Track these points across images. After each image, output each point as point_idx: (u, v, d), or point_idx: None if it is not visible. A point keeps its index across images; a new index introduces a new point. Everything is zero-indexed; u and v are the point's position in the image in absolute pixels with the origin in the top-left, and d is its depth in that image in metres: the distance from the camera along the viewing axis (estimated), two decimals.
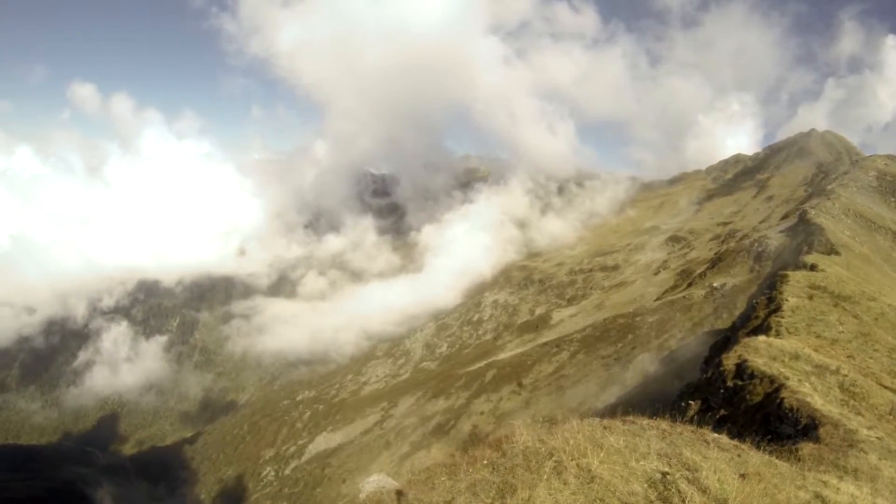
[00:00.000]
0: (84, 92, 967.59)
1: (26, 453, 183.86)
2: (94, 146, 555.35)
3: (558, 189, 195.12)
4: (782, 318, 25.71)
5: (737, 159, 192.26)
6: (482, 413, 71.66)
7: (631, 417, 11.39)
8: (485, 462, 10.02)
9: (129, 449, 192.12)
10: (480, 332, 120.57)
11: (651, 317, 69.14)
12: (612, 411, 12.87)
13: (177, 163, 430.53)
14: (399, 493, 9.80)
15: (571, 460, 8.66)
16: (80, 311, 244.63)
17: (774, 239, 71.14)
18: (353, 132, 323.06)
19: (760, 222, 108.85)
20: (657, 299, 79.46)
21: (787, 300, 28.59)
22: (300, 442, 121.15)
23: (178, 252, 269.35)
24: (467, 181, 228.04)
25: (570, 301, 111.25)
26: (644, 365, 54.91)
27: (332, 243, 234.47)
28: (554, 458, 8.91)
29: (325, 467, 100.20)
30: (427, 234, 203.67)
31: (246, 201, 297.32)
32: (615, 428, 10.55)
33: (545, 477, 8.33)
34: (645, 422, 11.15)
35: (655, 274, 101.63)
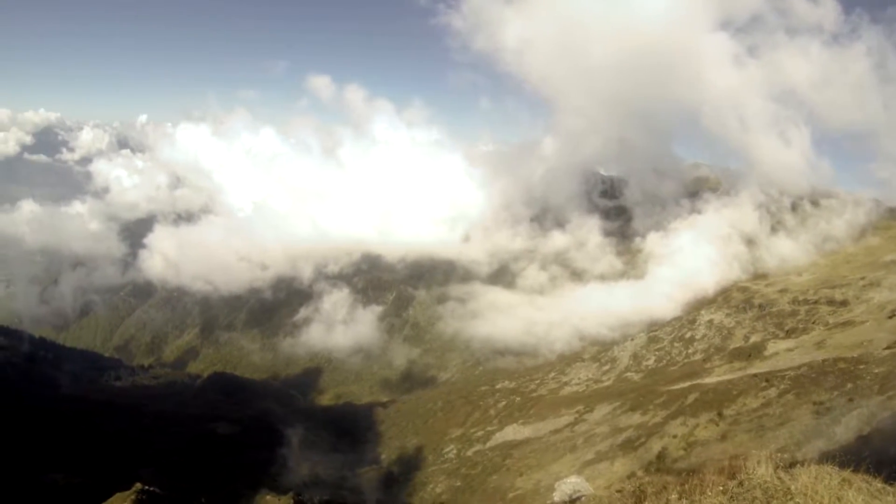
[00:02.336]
0: (320, 83, 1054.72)
1: (239, 383, 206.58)
2: (329, 130, 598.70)
3: (791, 206, 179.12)
4: None
5: None
6: (675, 436, 68.14)
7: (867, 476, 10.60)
8: (720, 488, 9.81)
9: (325, 400, 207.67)
10: (690, 351, 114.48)
11: (878, 367, 61.46)
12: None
13: (406, 149, 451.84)
14: None
15: None
16: (306, 273, 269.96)
17: None
18: (583, 130, 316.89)
19: None
20: (887, 347, 70.70)
21: None
22: (489, 428, 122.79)
23: (403, 231, 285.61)
24: (696, 190, 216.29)
25: (789, 333, 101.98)
26: (859, 422, 49.06)
27: (557, 240, 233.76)
28: (794, 502, 8.81)
29: (507, 457, 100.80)
30: (652, 241, 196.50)
31: (473, 190, 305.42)
32: (855, 483, 10.10)
33: None
34: (880, 484, 10.29)
35: (890, 317, 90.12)
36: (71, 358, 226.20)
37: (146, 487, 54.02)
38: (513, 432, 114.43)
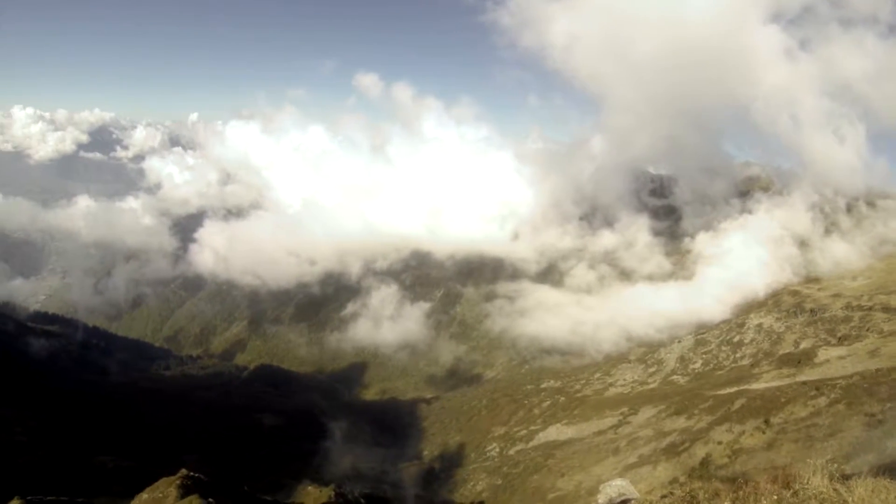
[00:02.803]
0: (367, 81, 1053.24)
1: (285, 376, 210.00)
2: (377, 128, 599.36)
3: (846, 207, 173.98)
4: None
5: None
6: (720, 443, 67.03)
7: None
8: (774, 497, 9.74)
9: (370, 395, 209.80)
10: (738, 356, 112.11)
11: None
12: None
13: (455, 146, 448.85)
14: None
15: None
16: (355, 269, 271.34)
17: None
18: (632, 127, 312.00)
19: None
20: None
21: None
22: (532, 427, 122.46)
23: (452, 228, 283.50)
24: (747, 190, 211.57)
25: (841, 340, 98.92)
26: None
27: (606, 239, 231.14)
28: None
29: (549, 457, 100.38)
30: (701, 242, 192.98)
31: (523, 188, 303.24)
32: None
33: None
34: None
35: None
36: (122, 347, 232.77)
37: (191, 473, 54.95)
38: (556, 432, 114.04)
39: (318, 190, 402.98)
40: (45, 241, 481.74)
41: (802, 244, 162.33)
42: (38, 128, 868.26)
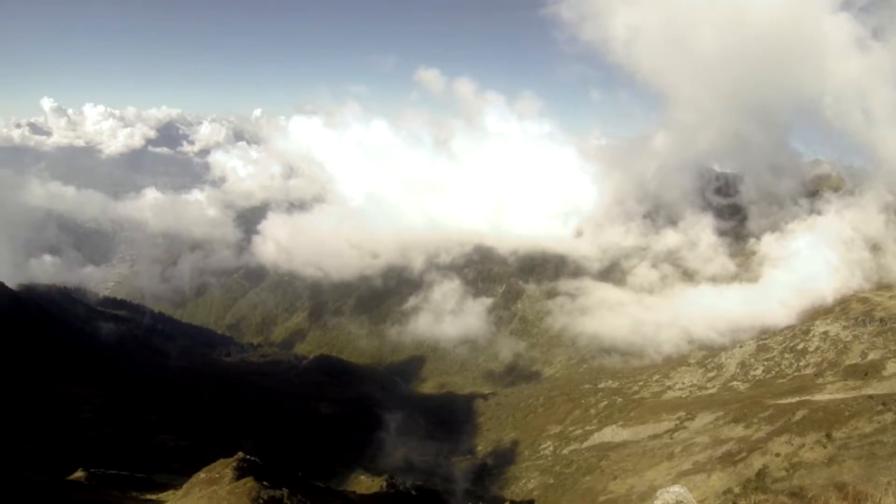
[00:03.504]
0: (429, 76, 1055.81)
1: (344, 366, 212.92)
2: (440, 123, 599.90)
3: None
4: None
5: None
6: (777, 455, 65.35)
7: None
8: None
9: (427, 388, 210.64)
10: (801, 364, 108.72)
11: None
12: None
13: (518, 141, 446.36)
14: None
15: None
16: (417, 263, 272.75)
17: None
18: (696, 123, 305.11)
19: None
20: None
21: None
22: (587, 427, 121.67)
23: (515, 224, 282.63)
24: (816, 189, 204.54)
25: None
26: None
27: (669, 238, 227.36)
28: None
29: (602, 459, 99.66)
30: (767, 243, 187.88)
31: (586, 185, 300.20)
32: None
33: None
34: None
35: None
36: (186, 333, 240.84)
37: (247, 457, 56.95)
38: (611, 434, 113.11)
39: (381, 184, 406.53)
40: (114, 230, 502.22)
41: (874, 248, 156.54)
42: (109, 124, 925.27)
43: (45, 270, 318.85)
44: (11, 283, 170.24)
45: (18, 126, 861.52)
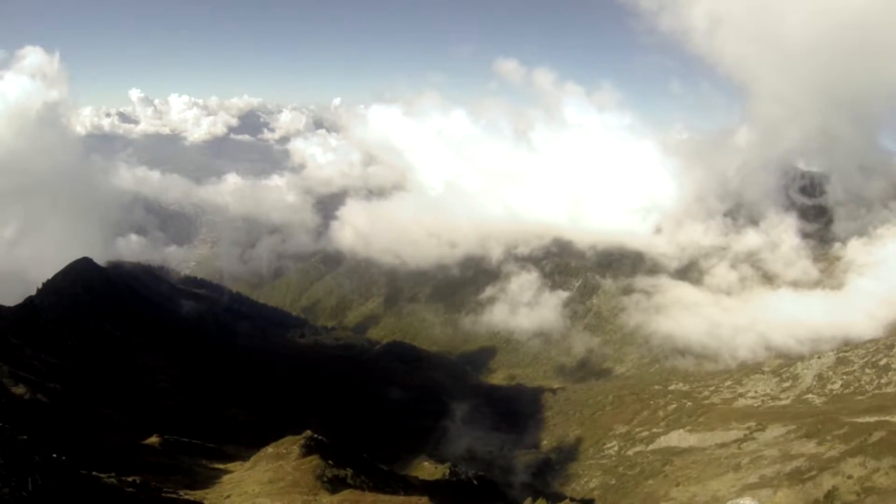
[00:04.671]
0: (508, 66, 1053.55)
1: (416, 353, 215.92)
2: (520, 113, 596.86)
3: None
4: None
5: None
6: (849, 477, 63.29)
7: None
8: None
9: (496, 379, 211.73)
10: (883, 381, 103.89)
11: None
12: None
13: (598, 133, 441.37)
14: None
15: None
16: (495, 253, 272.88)
17: None
18: (781, 119, 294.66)
19: None
20: None
21: None
22: (654, 430, 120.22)
23: (594, 218, 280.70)
24: None
25: None
26: None
27: (750, 238, 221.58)
28: None
29: (667, 464, 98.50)
30: (853, 248, 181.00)
31: (667, 180, 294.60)
32: None
33: None
34: None
35: None
36: (262, 313, 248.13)
37: (315, 435, 59.25)
38: (678, 438, 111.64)
39: (460, 173, 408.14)
40: (197, 213, 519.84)
41: None
42: (193, 113, 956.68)
43: (132, 249, 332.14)
44: (101, 261, 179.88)
45: (108, 115, 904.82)
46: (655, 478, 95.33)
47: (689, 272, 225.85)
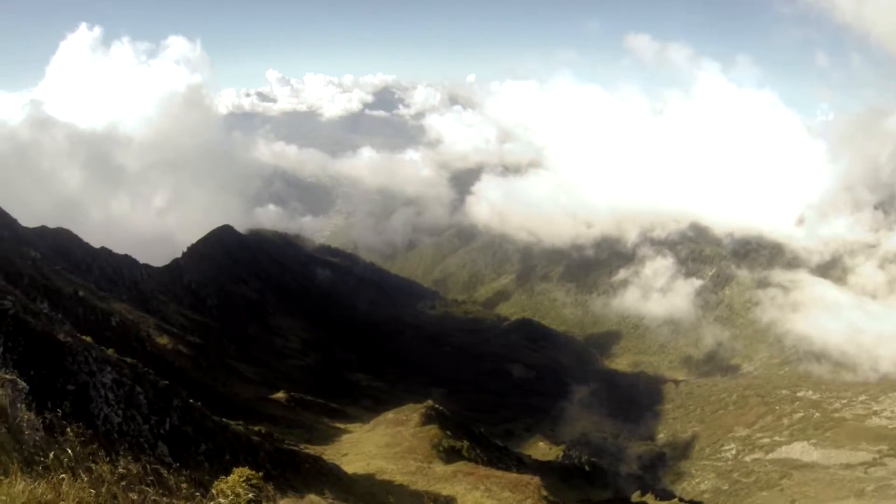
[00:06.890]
0: (640, 42, 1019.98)
1: (543, 332, 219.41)
2: (655, 91, 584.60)
3: None
4: None
5: None
6: None
7: None
8: None
9: (620, 365, 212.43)
10: None
11: None
12: None
13: (738, 113, 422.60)
14: None
15: None
16: (631, 236, 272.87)
17: None
18: None
19: None
20: None
21: None
22: (776, 438, 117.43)
23: (732, 205, 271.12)
24: None
25: None
26: None
27: None
28: None
29: (785, 476, 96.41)
30: None
31: (811, 166, 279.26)
32: None
33: None
34: None
35: None
36: (394, 284, 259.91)
37: (435, 405, 63.39)
38: (800, 451, 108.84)
39: (596, 153, 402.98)
40: (332, 185, 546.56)
41: None
42: (328, 91, 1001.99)
43: (270, 218, 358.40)
44: (241, 228, 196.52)
45: (248, 95, 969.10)
46: (770, 490, 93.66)
47: (832, 269, 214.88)
